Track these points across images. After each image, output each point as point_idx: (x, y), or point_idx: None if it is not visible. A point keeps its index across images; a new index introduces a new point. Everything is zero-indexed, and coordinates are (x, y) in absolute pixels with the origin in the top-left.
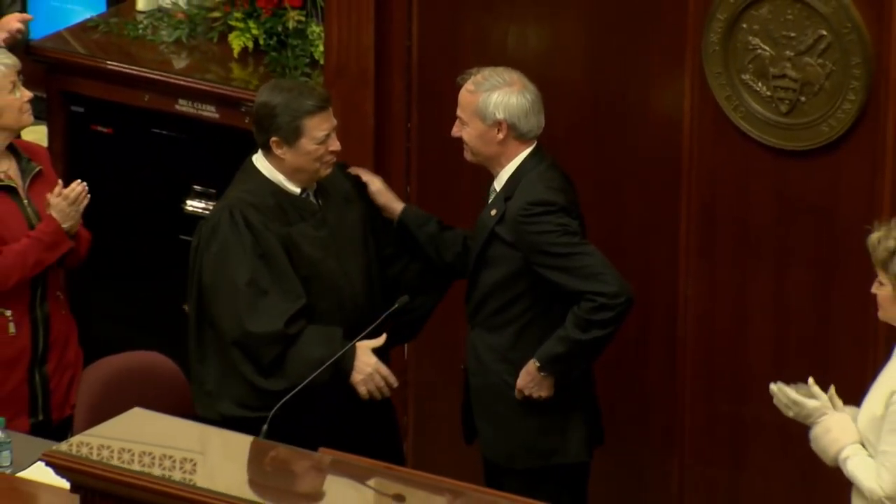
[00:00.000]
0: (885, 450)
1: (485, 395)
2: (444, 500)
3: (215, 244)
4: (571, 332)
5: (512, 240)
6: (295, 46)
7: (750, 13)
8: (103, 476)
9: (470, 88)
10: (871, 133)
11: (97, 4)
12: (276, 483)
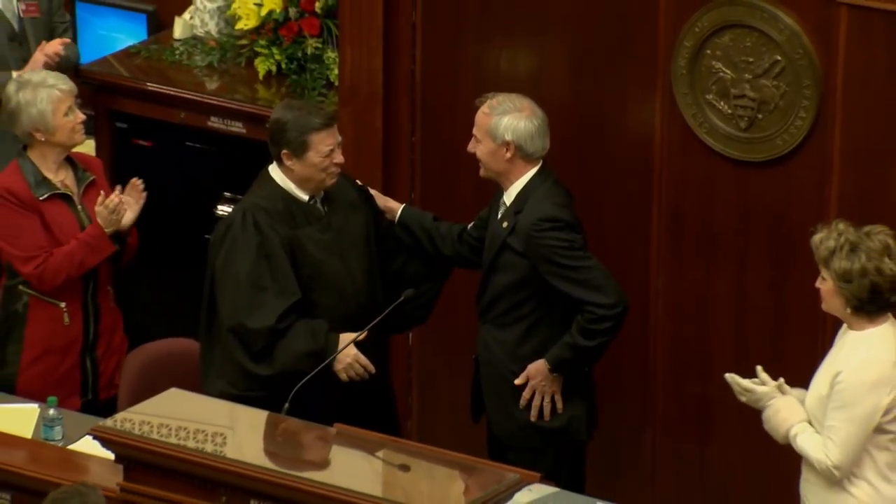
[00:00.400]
0: (831, 424)
1: (494, 382)
2: (444, 470)
3: (227, 241)
4: (578, 340)
5: (522, 250)
6: (313, 70)
7: (713, 41)
8: (144, 448)
9: (485, 111)
10: (819, 146)
11: (139, 33)
12: (296, 454)
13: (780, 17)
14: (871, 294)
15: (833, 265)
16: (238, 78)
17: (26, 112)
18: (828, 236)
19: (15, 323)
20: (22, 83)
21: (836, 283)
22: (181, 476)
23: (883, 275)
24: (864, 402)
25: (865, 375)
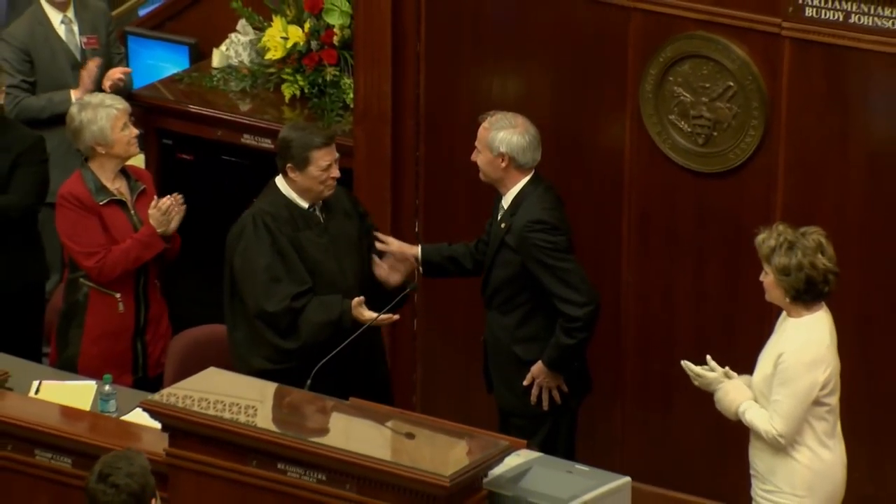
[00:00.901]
0: (776, 398)
1: (498, 360)
2: (444, 437)
3: (242, 242)
4: (561, 340)
5: (516, 247)
6: (331, 94)
7: (675, 69)
8: (186, 419)
9: (486, 126)
10: (767, 160)
11: (182, 62)
12: (316, 423)
13: (732, 48)
14: (806, 286)
15: (774, 261)
16: (267, 101)
17: (88, 129)
18: (769, 236)
19: (76, 311)
20: (83, 104)
21: (776, 277)
22: (218, 443)
23: (817, 269)
24: (804, 379)
25: (804, 356)
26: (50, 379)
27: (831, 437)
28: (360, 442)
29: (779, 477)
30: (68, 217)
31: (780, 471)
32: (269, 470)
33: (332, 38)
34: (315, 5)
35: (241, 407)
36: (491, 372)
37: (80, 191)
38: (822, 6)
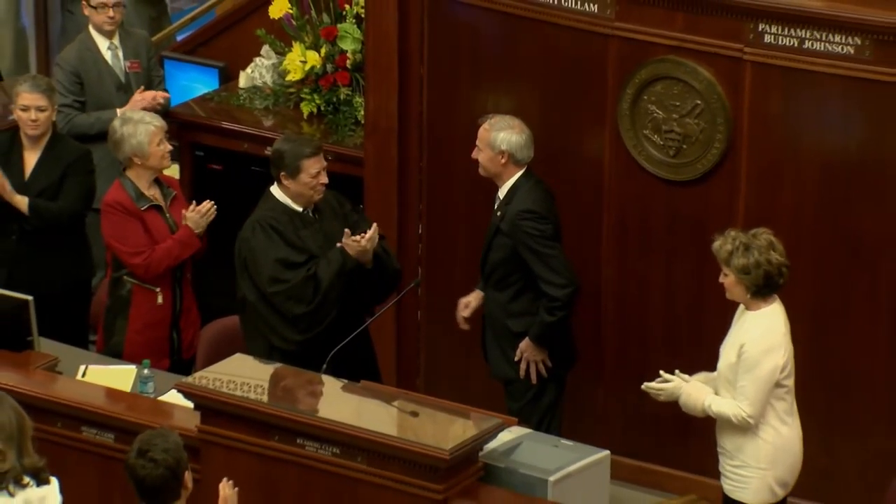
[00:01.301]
0: (742, 384)
1: (493, 331)
2: (444, 415)
3: (252, 246)
4: (544, 318)
5: (508, 233)
6: (345, 111)
7: (649, 89)
8: (216, 399)
9: (486, 127)
10: (730, 170)
11: (212, 83)
12: (330, 403)
13: (699, 71)
14: (765, 280)
15: (733, 263)
16: (287, 117)
17: (128, 142)
18: (725, 242)
19: (121, 305)
20: (125, 119)
21: (737, 276)
22: (244, 420)
23: (772, 265)
24: (766, 364)
25: (765, 343)
26: (95, 364)
27: (790, 415)
28: (370, 419)
29: (746, 453)
30: (114, 222)
31: (746, 448)
32: (290, 444)
33: (345, 61)
34: (330, 33)
35: (264, 388)
36: (486, 342)
37: (123, 198)
38: (779, 33)
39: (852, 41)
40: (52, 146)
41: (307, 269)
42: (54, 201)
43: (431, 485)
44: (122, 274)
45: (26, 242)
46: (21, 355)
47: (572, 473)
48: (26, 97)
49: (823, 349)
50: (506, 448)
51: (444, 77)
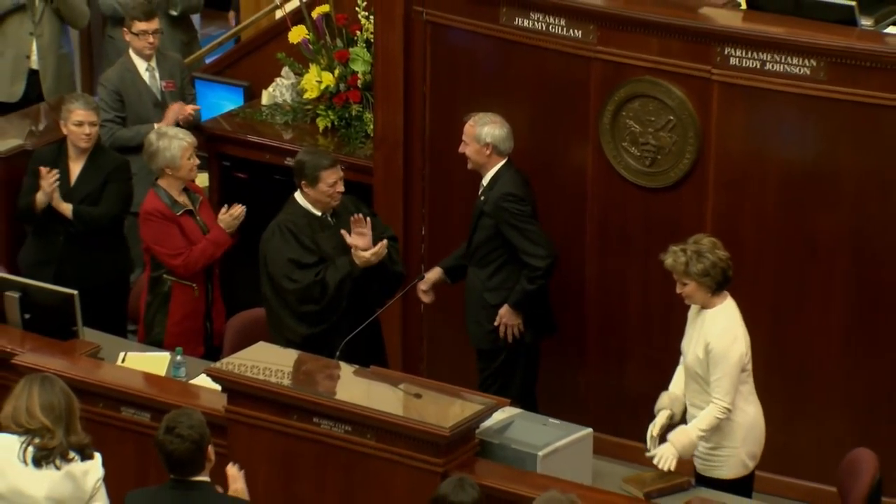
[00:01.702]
0: (716, 378)
1: (472, 303)
2: (445, 397)
3: (272, 246)
4: (524, 286)
5: (492, 214)
6: (356, 126)
7: (627, 106)
8: (241, 383)
9: (471, 123)
10: (699, 178)
11: (238, 100)
12: (343, 386)
13: (672, 90)
14: (723, 276)
15: (692, 271)
16: (305, 131)
17: (162, 154)
18: (676, 256)
19: (161, 301)
20: (160, 134)
21: (698, 281)
22: (266, 401)
23: (723, 260)
24: (733, 355)
25: (728, 337)
26: (133, 351)
27: (752, 395)
28: (379, 400)
29: (719, 436)
30: (154, 228)
31: (720, 431)
32: (307, 423)
33: (356, 81)
34: (343, 56)
35: (284, 373)
36: (467, 315)
37: (160, 206)
38: (743, 56)
39: (809, 63)
40: (95, 157)
41: (316, 273)
42: (96, 206)
43: (433, 459)
44: (161, 273)
45: (71, 243)
46: (67, 343)
47: (559, 449)
48: (80, 114)
49: (783, 339)
50: (499, 426)
51: (444, 95)
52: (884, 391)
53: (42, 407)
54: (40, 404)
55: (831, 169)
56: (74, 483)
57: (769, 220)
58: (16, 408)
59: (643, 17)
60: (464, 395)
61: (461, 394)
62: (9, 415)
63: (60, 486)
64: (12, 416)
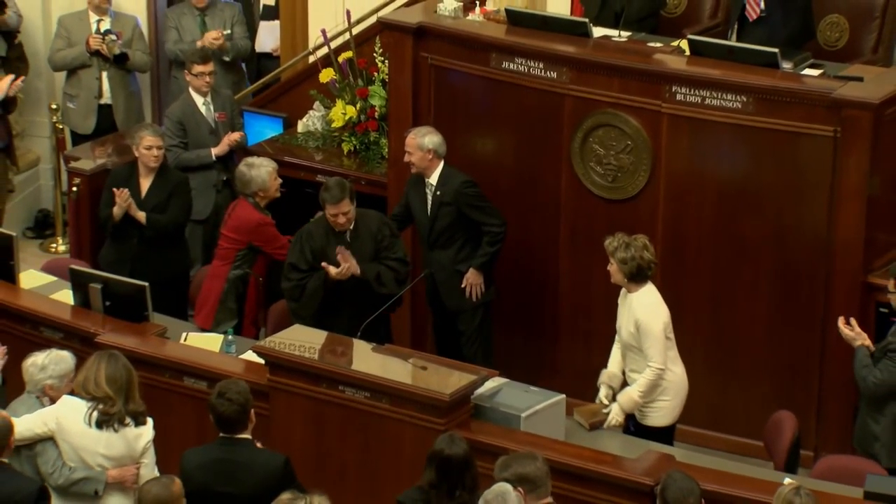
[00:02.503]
0: (647, 347)
1: (445, 280)
2: (445, 369)
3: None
4: (486, 249)
5: (452, 202)
6: (374, 149)
7: (593, 133)
8: (281, 357)
9: (412, 136)
10: (652, 192)
11: (277, 129)
12: (363, 360)
13: (629, 120)
14: (637, 270)
15: (616, 256)
16: (332, 154)
17: (255, 181)
18: (612, 241)
19: (243, 292)
20: (250, 164)
21: (618, 265)
22: (300, 373)
23: (644, 260)
24: (656, 327)
25: (652, 312)
26: (193, 332)
27: (677, 359)
28: (392, 371)
29: (655, 392)
30: (268, 234)
31: (656, 388)
32: (333, 390)
33: (374, 113)
34: (363, 93)
35: (315, 349)
36: (441, 290)
37: (265, 218)
38: (687, 93)
39: (740, 98)
40: (161, 174)
41: (301, 279)
42: (163, 215)
43: (435, 419)
44: (246, 271)
45: (144, 244)
46: (140, 325)
47: (538, 411)
48: (149, 139)
49: (719, 321)
50: (490, 393)
51: (445, 124)
52: (800, 363)
53: (107, 379)
54: (106, 376)
55: (757, 184)
56: (127, 444)
57: (707, 226)
58: (86, 378)
59: (606, 62)
60: (461, 368)
61: (459, 366)
62: (80, 383)
63: (115, 446)
64: (83, 384)
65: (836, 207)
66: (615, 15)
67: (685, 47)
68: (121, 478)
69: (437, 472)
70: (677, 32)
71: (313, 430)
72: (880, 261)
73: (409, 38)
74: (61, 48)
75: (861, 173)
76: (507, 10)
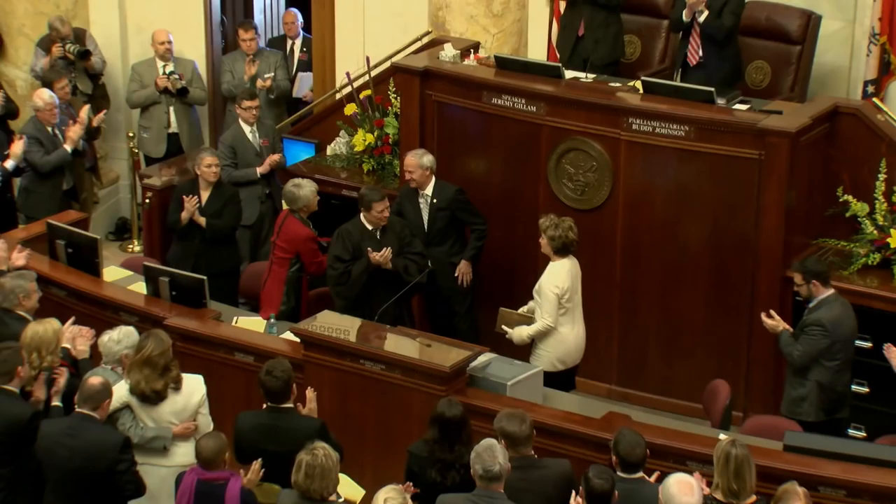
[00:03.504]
0: (540, 303)
1: (442, 269)
2: (446, 346)
3: (334, 239)
4: (475, 244)
5: (446, 207)
6: (388, 169)
7: (565, 156)
8: (314, 336)
9: (411, 157)
10: (613, 203)
11: (310, 152)
12: (379, 339)
13: (594, 145)
14: (562, 246)
15: (547, 233)
16: (355, 172)
17: (301, 199)
18: (544, 221)
19: (298, 289)
20: (297, 184)
21: (548, 241)
22: (329, 349)
23: (568, 239)
24: (551, 292)
25: (550, 280)
26: (242, 316)
27: (570, 323)
28: (403, 348)
29: (540, 342)
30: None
31: (542, 339)
32: (355, 363)
33: (388, 139)
34: (379, 123)
35: (341, 330)
36: (438, 279)
37: (310, 233)
38: (641, 123)
39: (683, 128)
40: (217, 188)
41: (346, 265)
42: (219, 220)
43: (438, 386)
44: (300, 273)
45: (204, 244)
46: (199, 311)
47: (521, 380)
48: (209, 159)
49: (667, 307)
50: (482, 365)
51: (445, 149)
52: (732, 341)
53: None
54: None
55: (697, 197)
56: (186, 400)
57: (657, 231)
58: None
59: (576, 98)
60: (459, 345)
61: (457, 344)
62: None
63: (178, 403)
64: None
65: (760, 216)
66: (583, 61)
67: (639, 87)
68: (183, 432)
69: (438, 429)
70: (633, 75)
71: (339, 395)
72: (796, 259)
73: (416, 79)
74: (136, 90)
75: (780, 189)
76: (496, 57)
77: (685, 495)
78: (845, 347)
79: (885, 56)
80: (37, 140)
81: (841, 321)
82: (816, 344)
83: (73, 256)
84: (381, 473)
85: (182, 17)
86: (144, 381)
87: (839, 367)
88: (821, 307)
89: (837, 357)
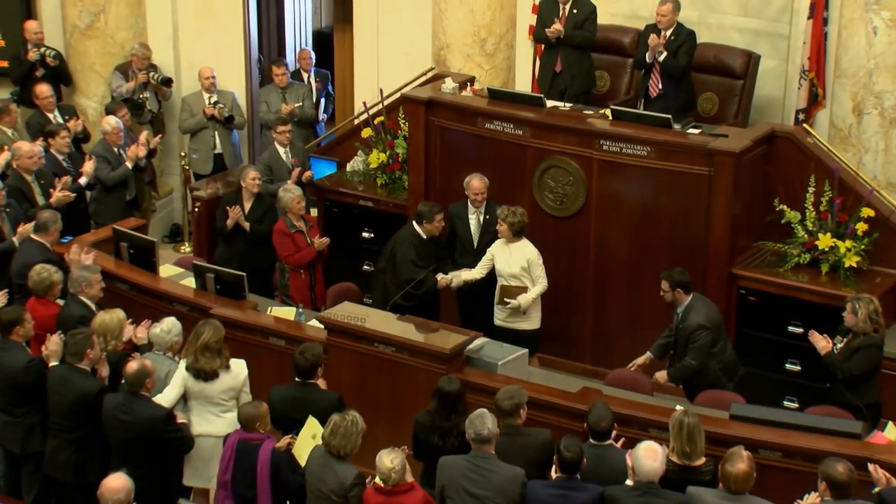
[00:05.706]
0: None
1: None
2: (448, 332)
3: (403, 246)
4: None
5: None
6: (398, 183)
7: (547, 172)
8: (335, 323)
9: (479, 180)
10: (587, 213)
11: (333, 168)
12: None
13: (571, 163)
14: (520, 228)
15: (507, 220)
16: (370, 186)
17: (282, 199)
18: (503, 210)
19: (285, 281)
20: (285, 189)
21: (508, 226)
22: (348, 334)
23: (523, 223)
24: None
25: (533, 251)
26: (276, 307)
27: None
28: (411, 333)
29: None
30: (278, 239)
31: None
32: (370, 346)
33: (398, 158)
34: (391, 144)
35: (358, 318)
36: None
37: (284, 227)
38: (611, 145)
39: (646, 149)
40: (258, 198)
41: (419, 274)
42: (260, 225)
43: (440, 365)
44: (282, 264)
45: (247, 245)
46: (240, 302)
47: (510, 360)
48: (253, 174)
49: (633, 298)
50: (477, 347)
51: (446, 166)
52: None
53: (212, 340)
54: (210, 339)
55: (657, 206)
56: (234, 380)
57: (624, 235)
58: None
59: (556, 124)
60: (458, 331)
61: (457, 330)
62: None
63: (226, 382)
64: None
65: (710, 222)
66: (560, 92)
67: (609, 114)
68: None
69: (438, 402)
70: (603, 104)
71: (357, 373)
72: (741, 258)
73: (422, 108)
74: (186, 118)
75: (727, 199)
76: (488, 89)
77: (650, 459)
78: (720, 329)
79: (814, 89)
80: (105, 158)
81: (711, 315)
82: (705, 343)
83: (135, 256)
84: (393, 438)
85: (225, 55)
86: (204, 361)
87: (723, 346)
88: (690, 312)
89: (719, 341)
